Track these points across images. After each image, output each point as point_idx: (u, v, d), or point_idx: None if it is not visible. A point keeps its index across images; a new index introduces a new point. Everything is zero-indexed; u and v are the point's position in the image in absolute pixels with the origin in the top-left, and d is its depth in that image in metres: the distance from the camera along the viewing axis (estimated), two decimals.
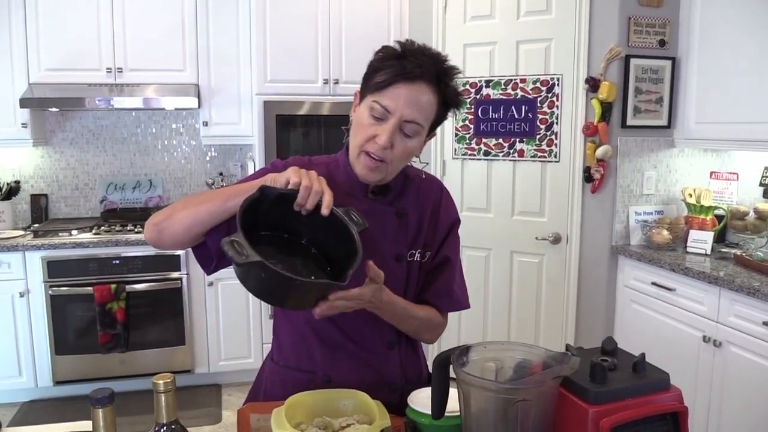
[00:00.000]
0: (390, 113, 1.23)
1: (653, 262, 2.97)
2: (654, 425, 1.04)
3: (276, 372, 1.43)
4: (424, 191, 1.44)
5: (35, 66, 3.57)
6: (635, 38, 3.11)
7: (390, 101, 1.22)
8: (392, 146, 1.24)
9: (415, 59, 1.23)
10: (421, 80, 1.23)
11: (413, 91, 1.22)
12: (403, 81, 1.22)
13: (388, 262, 1.34)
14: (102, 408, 0.88)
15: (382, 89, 1.23)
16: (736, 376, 2.57)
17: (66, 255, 3.45)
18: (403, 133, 1.25)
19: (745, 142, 2.87)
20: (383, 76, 1.23)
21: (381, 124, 1.24)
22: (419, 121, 1.24)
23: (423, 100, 1.23)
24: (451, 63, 1.30)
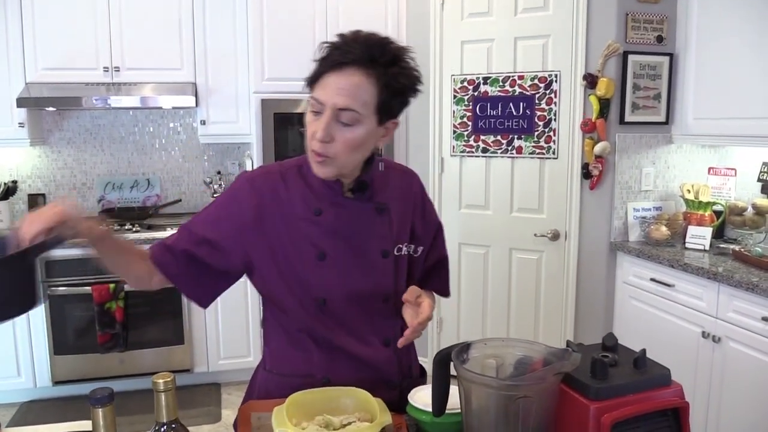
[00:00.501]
0: (323, 104, 1.20)
1: (652, 258, 2.97)
2: (655, 421, 1.04)
3: (270, 380, 1.41)
4: (405, 183, 1.45)
5: (32, 65, 3.55)
6: (633, 34, 3.11)
7: (321, 93, 1.20)
8: (332, 139, 1.21)
9: (345, 47, 1.20)
10: (350, 66, 1.18)
11: (342, 78, 1.18)
12: (330, 70, 1.19)
13: (374, 259, 1.35)
14: (102, 407, 0.88)
15: (314, 83, 1.22)
16: (735, 372, 2.57)
17: (64, 255, 3.44)
18: (342, 123, 1.20)
19: (744, 137, 2.87)
20: (315, 70, 1.22)
21: (319, 117, 1.21)
22: (353, 107, 1.19)
23: (354, 85, 1.18)
24: (395, 42, 1.26)
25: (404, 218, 1.41)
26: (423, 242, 1.45)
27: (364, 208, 1.35)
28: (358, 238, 1.33)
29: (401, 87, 1.24)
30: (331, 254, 1.31)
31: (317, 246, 1.31)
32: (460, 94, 3.52)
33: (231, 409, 3.52)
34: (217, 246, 1.32)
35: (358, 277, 1.34)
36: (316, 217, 1.31)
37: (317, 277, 1.32)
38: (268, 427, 1.21)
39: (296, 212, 1.32)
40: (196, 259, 1.32)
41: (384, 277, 1.36)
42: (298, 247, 1.31)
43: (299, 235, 1.31)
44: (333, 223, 1.32)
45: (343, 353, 1.35)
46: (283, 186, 1.34)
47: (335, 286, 1.32)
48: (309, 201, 1.32)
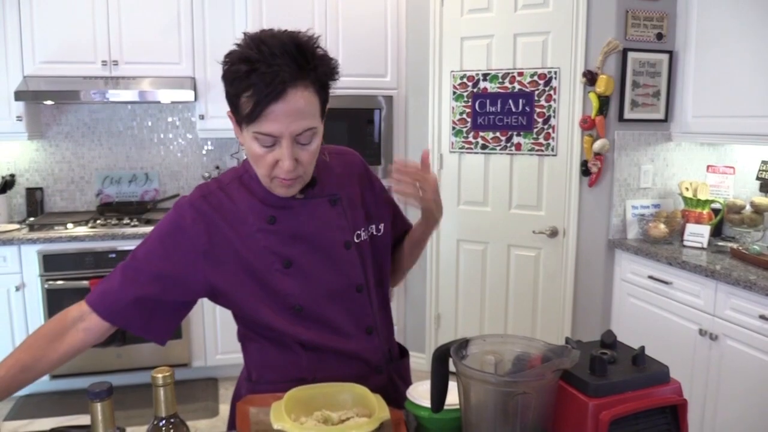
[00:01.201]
0: (278, 137, 1.13)
1: (650, 256, 2.97)
2: (653, 418, 1.04)
3: (258, 390, 1.36)
4: (347, 168, 1.41)
5: (30, 58, 3.54)
6: (633, 31, 3.11)
7: (271, 126, 1.12)
8: (297, 161, 1.17)
9: (269, 69, 1.08)
10: (289, 87, 1.10)
11: (288, 104, 1.10)
12: (274, 100, 1.09)
13: (338, 252, 1.33)
14: (100, 402, 0.88)
15: (256, 118, 1.11)
16: (731, 369, 2.58)
17: (62, 249, 3.44)
18: (301, 143, 1.16)
19: (742, 135, 2.88)
20: (249, 104, 1.10)
21: (275, 149, 1.15)
22: (310, 125, 1.15)
23: (303, 106, 1.12)
24: (304, 36, 1.17)
25: (355, 202, 1.38)
26: (382, 218, 1.43)
27: (316, 205, 1.31)
28: (318, 236, 1.30)
29: (329, 79, 1.20)
30: (296, 260, 1.28)
31: (280, 254, 1.27)
32: (459, 90, 3.52)
33: (228, 403, 3.51)
34: (173, 279, 1.26)
35: (328, 276, 1.31)
36: (271, 226, 1.27)
37: (288, 286, 1.28)
38: (267, 422, 1.21)
39: (249, 225, 1.27)
40: (150, 299, 1.26)
41: (352, 269, 1.34)
42: (261, 261, 1.27)
43: (258, 248, 1.27)
44: (290, 227, 1.28)
45: (331, 351, 1.34)
46: (228, 202, 1.28)
47: (307, 290, 1.30)
48: (259, 211, 1.27)
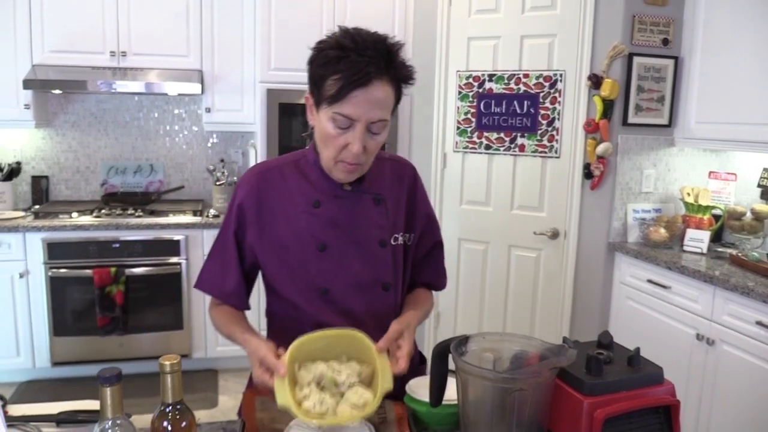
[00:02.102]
0: (355, 120, 1.22)
1: (650, 260, 2.99)
2: (647, 418, 1.06)
3: None
4: (398, 173, 1.48)
5: (39, 47, 3.57)
6: (639, 36, 3.12)
7: (351, 109, 1.21)
8: (365, 148, 1.26)
9: (360, 57, 1.18)
10: (375, 78, 1.20)
11: (371, 92, 1.20)
12: (359, 86, 1.19)
13: (373, 249, 1.38)
14: (110, 386, 0.90)
15: (339, 99, 1.20)
16: (728, 374, 2.60)
17: (66, 237, 3.47)
18: (372, 132, 1.25)
19: (745, 143, 2.89)
20: (335, 86, 1.20)
21: (348, 132, 1.23)
22: (384, 117, 1.24)
23: (382, 98, 1.22)
24: (392, 39, 1.26)
25: (398, 207, 1.44)
26: (414, 230, 1.49)
27: (362, 199, 1.38)
28: (357, 229, 1.37)
29: (407, 83, 1.29)
30: (331, 245, 1.35)
31: (317, 237, 1.34)
32: (464, 90, 3.54)
33: (228, 395, 3.55)
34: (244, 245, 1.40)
35: (358, 267, 1.37)
36: (316, 210, 1.35)
37: (318, 268, 1.35)
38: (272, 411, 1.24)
39: (296, 205, 1.36)
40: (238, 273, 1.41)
41: (383, 267, 1.39)
42: (299, 239, 1.35)
43: (300, 228, 1.35)
44: (332, 214, 1.35)
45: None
46: (282, 181, 1.38)
47: (336, 276, 1.36)
48: (308, 194, 1.36)
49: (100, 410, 0.91)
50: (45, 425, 1.16)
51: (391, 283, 1.41)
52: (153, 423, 0.97)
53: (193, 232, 3.66)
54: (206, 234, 3.67)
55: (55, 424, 1.17)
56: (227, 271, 1.40)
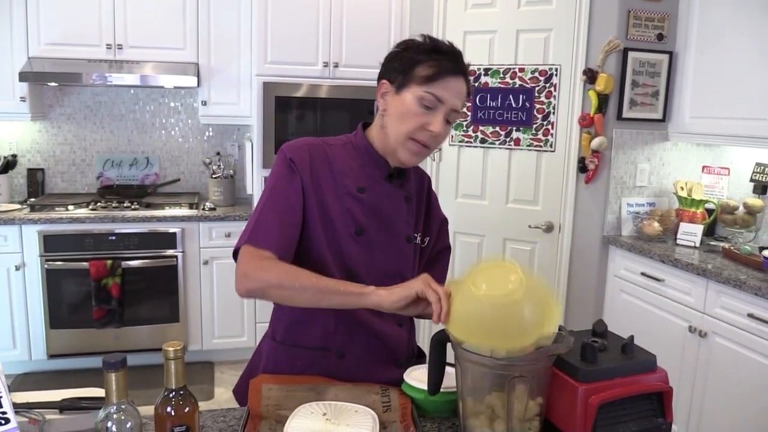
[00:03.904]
0: (442, 103, 1.32)
1: (643, 253, 3.02)
2: (640, 404, 1.09)
3: (280, 351, 1.44)
4: (419, 179, 1.55)
5: (35, 40, 3.56)
6: (634, 31, 3.15)
7: (443, 92, 1.31)
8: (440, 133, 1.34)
9: (454, 56, 1.34)
10: (462, 75, 1.35)
11: (459, 83, 1.34)
12: (452, 74, 1.32)
13: (401, 243, 1.44)
14: (115, 372, 0.92)
15: (433, 81, 1.31)
16: (720, 366, 2.63)
17: (62, 230, 3.47)
18: (447, 121, 1.34)
19: (738, 137, 2.92)
20: (432, 69, 1.31)
21: (431, 113, 1.32)
22: (461, 109, 1.36)
23: (464, 92, 1.36)
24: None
25: (419, 210, 1.51)
26: (429, 234, 1.55)
27: (397, 194, 1.44)
28: (391, 221, 1.42)
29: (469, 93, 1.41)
30: (368, 231, 1.40)
31: (357, 221, 1.38)
32: None
33: (224, 387, 3.57)
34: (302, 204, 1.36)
35: (387, 257, 1.42)
36: (360, 194, 1.39)
37: (352, 250, 1.39)
38: (278, 398, 1.26)
39: (345, 184, 1.39)
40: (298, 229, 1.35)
41: (407, 261, 1.46)
42: (340, 219, 1.38)
43: (343, 208, 1.38)
44: (374, 202, 1.40)
45: (362, 327, 1.41)
46: (338, 157, 1.41)
47: (366, 261, 1.40)
48: (357, 177, 1.40)
49: (105, 396, 0.93)
50: (49, 412, 1.18)
51: (407, 276, 1.43)
52: (156, 408, 0.98)
53: (189, 224, 3.67)
54: (202, 227, 3.68)
55: (59, 411, 1.19)
56: (288, 228, 1.33)
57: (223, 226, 3.71)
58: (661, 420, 1.10)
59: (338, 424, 1.16)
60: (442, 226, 1.61)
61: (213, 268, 3.72)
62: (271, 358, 1.46)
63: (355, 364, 1.41)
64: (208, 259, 3.70)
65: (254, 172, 3.76)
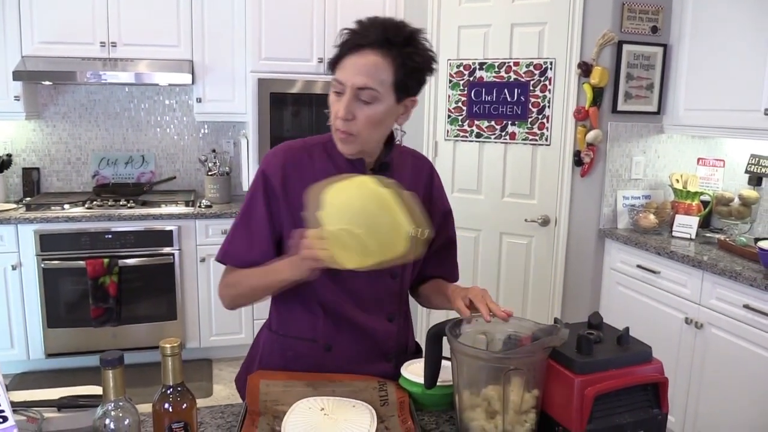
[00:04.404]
0: (343, 85, 1.27)
1: (639, 246, 3.03)
2: (636, 395, 1.09)
3: (274, 341, 1.48)
4: (417, 169, 1.51)
5: (28, 38, 3.55)
6: (628, 24, 3.15)
7: (341, 74, 1.28)
8: (354, 117, 1.28)
9: (363, 31, 1.27)
10: (367, 48, 1.26)
11: (360, 58, 1.26)
12: (349, 52, 1.27)
13: None
14: (112, 369, 0.92)
15: (335, 66, 1.30)
16: (716, 357, 2.65)
17: (58, 229, 3.47)
18: (362, 101, 1.28)
19: (733, 129, 2.93)
20: (335, 53, 1.30)
21: (341, 98, 1.29)
22: (371, 85, 1.26)
23: (371, 65, 1.26)
24: (411, 27, 1.31)
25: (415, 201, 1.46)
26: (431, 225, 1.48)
27: None
28: None
29: (416, 66, 1.30)
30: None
31: None
32: (455, 78, 3.55)
33: (222, 384, 3.58)
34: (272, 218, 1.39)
35: None
36: None
37: None
38: (275, 394, 1.26)
39: None
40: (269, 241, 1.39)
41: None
42: None
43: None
44: None
45: (348, 323, 1.41)
46: (308, 159, 1.40)
47: None
48: (332, 175, 1.36)
49: (103, 393, 0.93)
50: (47, 410, 1.18)
51: (399, 273, 1.43)
52: (154, 405, 0.98)
53: (186, 222, 3.66)
54: (199, 224, 3.68)
55: (57, 409, 1.19)
56: (256, 242, 1.38)
57: (219, 223, 3.71)
58: (656, 411, 1.10)
59: (336, 419, 1.17)
60: (445, 218, 1.55)
61: (210, 265, 3.72)
62: (267, 347, 1.49)
63: (342, 356, 1.41)
64: (204, 256, 3.70)
65: (250, 169, 3.76)
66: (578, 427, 1.03)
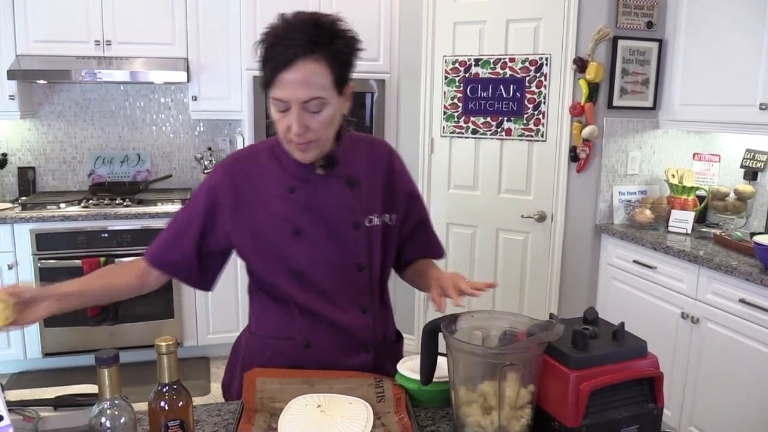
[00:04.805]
0: (287, 102, 1.25)
1: (635, 241, 3.04)
2: (631, 389, 1.10)
3: (254, 342, 1.49)
4: (373, 155, 1.49)
5: (23, 37, 3.53)
6: (623, 19, 3.15)
7: (281, 92, 1.25)
8: (308, 128, 1.27)
9: (285, 41, 1.23)
10: (299, 58, 1.22)
11: (295, 73, 1.22)
12: (282, 70, 1.23)
13: (347, 231, 1.41)
14: (107, 368, 0.92)
15: (270, 86, 1.26)
16: (712, 351, 2.65)
17: (55, 228, 3.46)
18: (310, 111, 1.26)
19: (728, 124, 2.93)
20: (266, 74, 1.27)
21: (287, 114, 1.26)
22: (317, 95, 1.25)
23: (307, 76, 1.23)
24: (327, 16, 1.29)
25: (374, 189, 1.45)
26: (396, 210, 1.49)
27: (335, 183, 1.40)
28: (330, 212, 1.39)
29: (347, 57, 1.30)
30: (306, 229, 1.38)
31: (292, 222, 1.38)
32: (451, 75, 3.55)
33: (220, 382, 3.56)
34: (210, 230, 1.41)
35: (332, 250, 1.40)
36: (289, 194, 1.38)
37: (294, 252, 1.39)
38: (272, 391, 1.26)
39: (271, 191, 1.39)
40: (194, 250, 1.41)
41: (357, 248, 1.42)
42: (274, 224, 1.38)
43: (275, 213, 1.38)
44: (306, 199, 1.38)
45: (323, 319, 1.42)
46: (257, 167, 1.41)
47: (311, 259, 1.39)
48: (282, 180, 1.39)
49: (99, 391, 0.93)
50: (43, 409, 1.18)
51: (365, 264, 1.43)
52: (150, 403, 0.99)
53: None
54: None
55: (53, 408, 1.19)
56: (176, 244, 1.42)
57: None
58: (652, 405, 1.11)
59: (333, 416, 1.17)
60: (411, 199, 1.53)
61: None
62: (247, 348, 1.51)
63: (321, 352, 1.42)
64: None
65: None
66: (574, 421, 1.04)
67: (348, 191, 1.41)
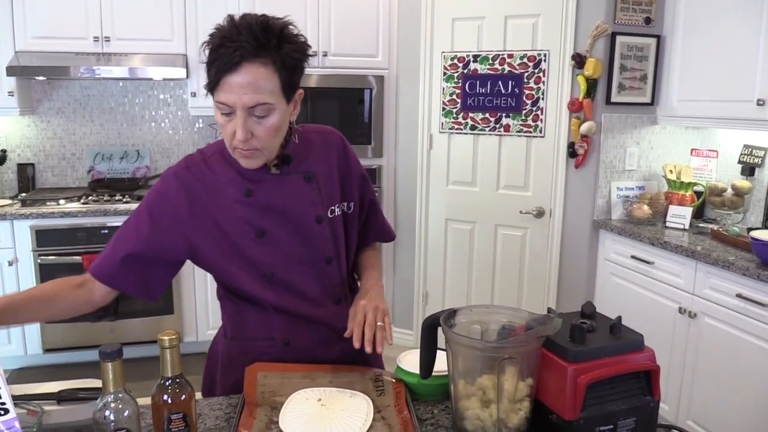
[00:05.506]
0: (232, 107, 1.21)
1: (633, 236, 3.05)
2: (628, 382, 1.11)
3: (233, 347, 1.47)
4: (326, 144, 1.48)
5: (22, 34, 3.53)
6: (622, 15, 3.16)
7: (226, 96, 1.20)
8: (253, 134, 1.24)
9: (231, 44, 1.18)
10: (245, 62, 1.18)
11: (241, 76, 1.18)
12: (227, 73, 1.19)
13: (310, 226, 1.40)
14: (111, 361, 0.93)
15: (215, 89, 1.22)
16: (709, 346, 2.67)
17: (54, 224, 3.47)
18: (256, 116, 1.23)
19: (726, 120, 2.94)
20: (210, 76, 1.22)
21: (233, 119, 1.22)
22: (263, 100, 1.21)
23: (254, 81, 1.19)
24: (276, 19, 1.25)
25: (331, 179, 1.45)
26: (353, 197, 1.50)
27: (292, 180, 1.39)
28: (291, 210, 1.38)
29: (296, 62, 1.26)
30: (269, 230, 1.36)
31: (254, 225, 1.36)
32: (449, 71, 3.56)
33: None
34: (160, 242, 1.34)
35: (298, 247, 1.39)
36: (247, 198, 1.35)
37: (260, 254, 1.37)
38: (273, 385, 1.28)
39: (228, 196, 1.35)
40: (140, 261, 1.34)
41: (323, 242, 1.42)
42: (237, 229, 1.35)
43: (235, 218, 1.35)
44: (264, 200, 1.36)
45: (299, 316, 1.41)
46: (210, 173, 1.37)
47: (278, 259, 1.38)
48: (238, 183, 1.36)
49: (102, 385, 0.94)
50: (47, 403, 1.19)
51: (333, 257, 1.44)
52: (153, 397, 1.00)
53: None
54: None
55: (57, 402, 1.20)
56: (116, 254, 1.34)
57: None
58: (649, 398, 1.12)
59: (333, 409, 1.18)
60: (363, 182, 1.53)
61: None
62: (226, 354, 1.49)
63: (301, 347, 1.42)
64: None
65: None
66: (572, 414, 1.05)
67: (306, 187, 1.40)
